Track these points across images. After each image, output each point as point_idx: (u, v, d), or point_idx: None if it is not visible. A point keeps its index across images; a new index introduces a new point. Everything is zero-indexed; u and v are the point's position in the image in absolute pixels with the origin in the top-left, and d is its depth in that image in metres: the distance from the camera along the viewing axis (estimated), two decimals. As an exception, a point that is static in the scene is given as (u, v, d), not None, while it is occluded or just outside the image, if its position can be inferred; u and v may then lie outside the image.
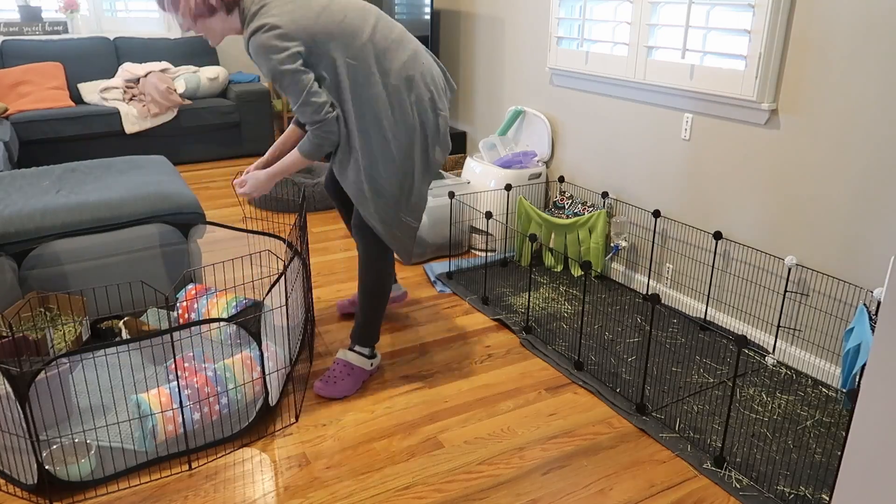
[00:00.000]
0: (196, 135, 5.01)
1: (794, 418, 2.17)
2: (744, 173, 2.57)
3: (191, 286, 2.62)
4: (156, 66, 5.01)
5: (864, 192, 2.20)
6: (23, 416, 1.70)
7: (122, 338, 2.43)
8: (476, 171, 3.45)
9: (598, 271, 3.20)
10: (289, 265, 2.07)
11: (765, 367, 2.46)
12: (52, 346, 2.30)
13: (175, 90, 4.88)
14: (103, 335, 2.47)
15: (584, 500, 1.83)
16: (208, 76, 5.07)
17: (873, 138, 2.14)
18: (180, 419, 1.95)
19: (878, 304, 2.13)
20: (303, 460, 1.97)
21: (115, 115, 4.66)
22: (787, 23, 2.33)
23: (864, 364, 1.25)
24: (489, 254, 3.42)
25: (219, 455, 1.98)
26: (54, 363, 1.96)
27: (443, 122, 2.15)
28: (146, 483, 1.86)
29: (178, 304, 2.56)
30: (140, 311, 2.55)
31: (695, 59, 2.64)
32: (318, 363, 2.46)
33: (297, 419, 2.14)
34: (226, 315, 2.49)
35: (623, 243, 3.09)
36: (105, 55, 5.05)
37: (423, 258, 3.36)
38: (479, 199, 3.39)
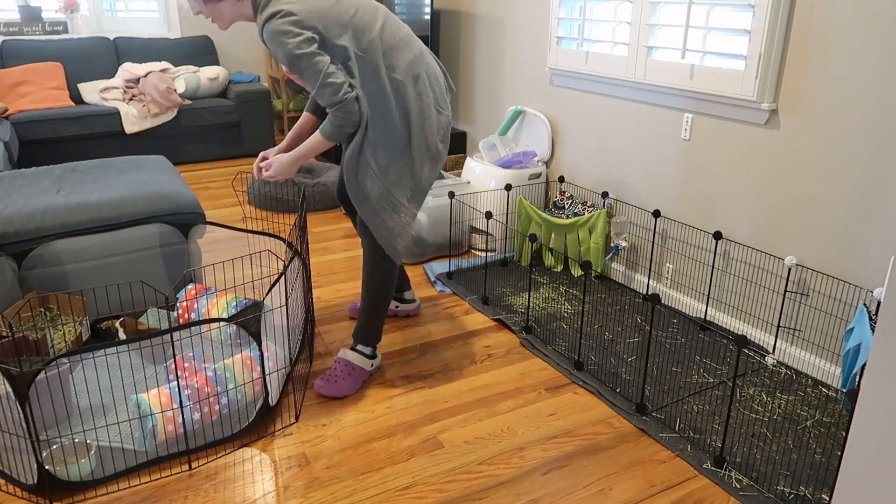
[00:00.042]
0: (196, 135, 5.01)
1: (794, 418, 2.17)
2: (744, 173, 2.57)
3: (191, 286, 2.62)
4: (156, 66, 5.01)
5: (863, 192, 2.20)
6: (23, 416, 1.70)
7: (118, 338, 2.43)
8: (476, 171, 3.45)
9: (598, 271, 3.20)
10: (289, 265, 2.07)
11: (765, 367, 2.46)
12: (52, 346, 2.30)
13: (175, 90, 4.88)
14: (103, 335, 2.47)
15: (584, 500, 1.83)
16: (208, 76, 5.07)
17: (873, 138, 2.14)
18: (180, 419, 1.95)
19: (878, 304, 2.13)
20: (303, 460, 1.97)
21: (115, 115, 4.66)
22: (787, 23, 2.33)
23: (864, 364, 1.25)
24: (489, 254, 3.42)
25: (219, 455, 1.98)
26: (54, 363, 1.96)
27: (444, 120, 2.21)
28: (146, 483, 1.86)
29: (178, 304, 2.57)
30: (140, 311, 2.55)
31: (695, 59, 2.65)
32: (318, 363, 2.46)
33: (297, 419, 2.14)
34: (226, 315, 2.49)
35: (623, 243, 3.09)
36: (105, 55, 5.05)
37: (423, 258, 3.36)
38: (479, 199, 3.39)
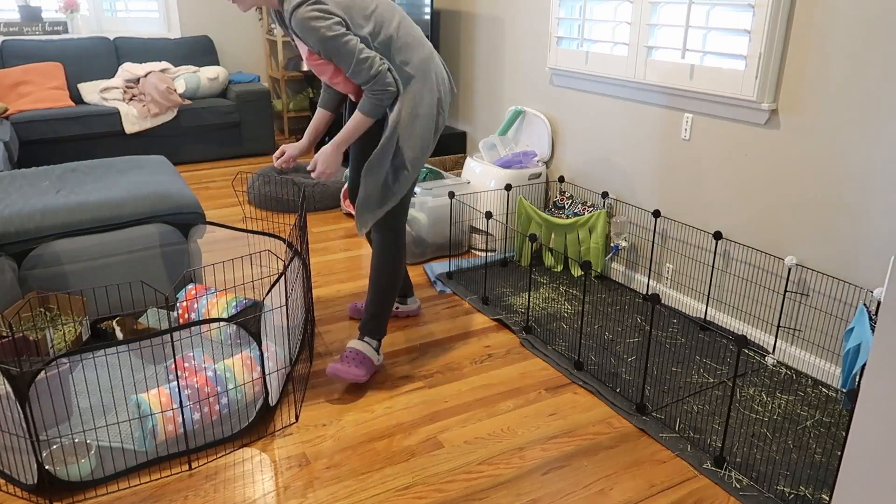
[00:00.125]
0: (196, 135, 5.01)
1: (794, 418, 2.17)
2: (744, 173, 2.57)
3: (191, 286, 2.62)
4: (156, 66, 5.01)
5: (863, 192, 2.20)
6: (23, 416, 1.70)
7: (116, 337, 2.43)
8: (476, 171, 3.45)
9: (598, 271, 3.20)
10: (289, 265, 2.07)
11: (765, 367, 2.46)
12: (52, 346, 2.30)
13: (175, 90, 4.88)
14: (103, 335, 2.47)
15: (584, 500, 1.83)
16: (208, 76, 5.07)
17: (873, 138, 2.14)
18: (180, 419, 1.95)
19: (878, 304, 2.13)
20: (303, 460, 1.97)
21: (115, 115, 4.66)
22: (787, 23, 2.33)
23: (864, 364, 1.25)
24: (489, 254, 3.42)
25: (219, 455, 1.98)
26: (54, 363, 1.96)
27: (441, 121, 2.26)
28: (146, 483, 1.86)
29: (178, 304, 2.57)
30: (140, 311, 2.55)
31: (695, 59, 2.64)
32: (318, 363, 2.46)
33: (297, 419, 2.14)
34: (226, 315, 2.49)
35: (623, 243, 3.09)
36: (105, 55, 5.05)
37: (423, 258, 3.36)
38: (479, 199, 3.39)
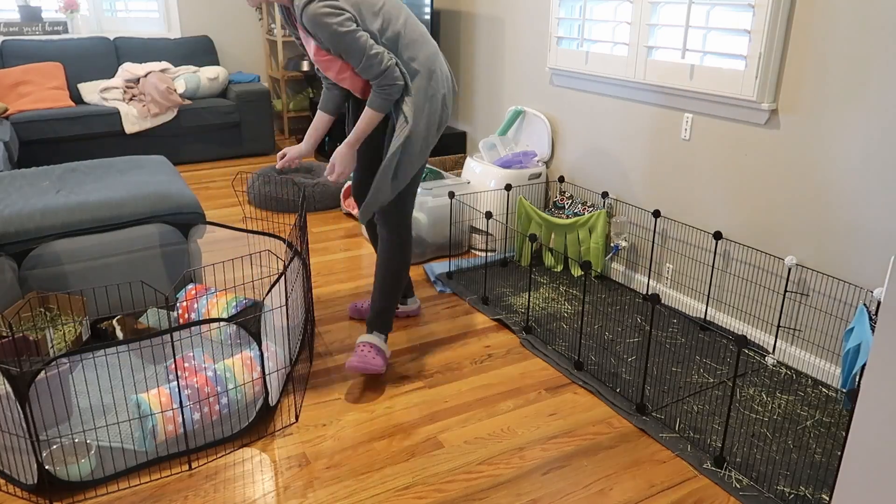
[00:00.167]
0: (196, 135, 5.01)
1: (794, 418, 2.17)
2: (744, 173, 2.57)
3: (191, 286, 2.62)
4: (156, 66, 5.01)
5: (863, 193, 2.20)
6: (23, 416, 1.70)
7: (116, 337, 2.43)
8: (476, 171, 3.45)
9: (598, 271, 3.20)
10: (289, 265, 2.07)
11: (765, 367, 2.46)
12: (52, 346, 2.30)
13: (175, 90, 4.88)
14: (103, 335, 2.47)
15: (584, 500, 1.83)
16: (208, 76, 5.07)
17: (873, 138, 2.14)
18: (180, 419, 1.95)
19: (878, 304, 2.13)
20: (303, 460, 1.97)
21: (115, 115, 4.66)
22: (787, 23, 2.33)
23: (864, 364, 1.25)
24: (489, 254, 3.42)
25: (219, 455, 1.98)
26: (54, 363, 1.96)
27: (445, 118, 2.29)
28: (146, 483, 1.86)
29: (178, 304, 2.57)
30: (140, 311, 2.55)
31: (695, 59, 2.64)
32: (318, 363, 2.46)
33: (297, 419, 2.14)
34: (226, 315, 2.49)
35: (623, 243, 3.09)
36: (105, 55, 5.05)
37: (423, 258, 3.36)
38: (479, 199, 3.39)
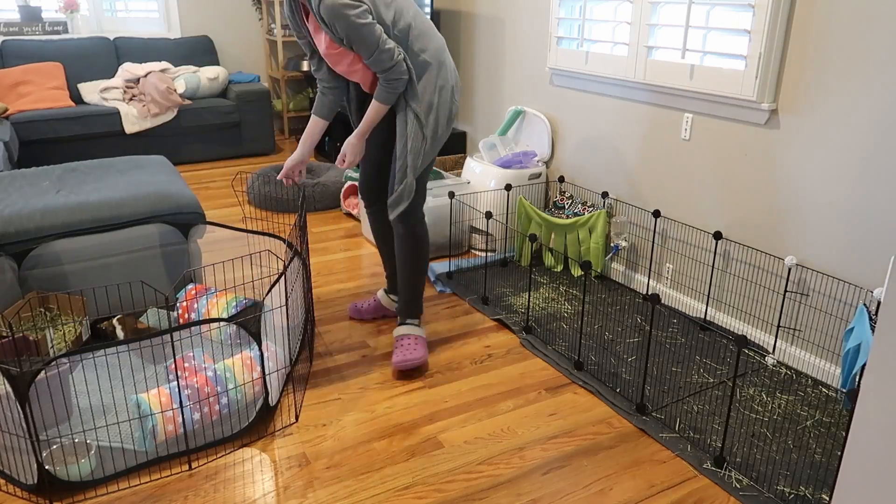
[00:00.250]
0: (196, 135, 5.01)
1: (794, 418, 2.17)
2: (744, 173, 2.57)
3: (191, 286, 2.62)
4: (156, 66, 5.01)
5: (863, 192, 2.20)
6: (23, 416, 1.70)
7: (117, 336, 2.43)
8: (476, 171, 3.45)
9: (598, 271, 3.19)
10: (289, 265, 2.07)
11: (765, 367, 2.46)
12: (52, 346, 2.30)
13: (175, 90, 4.88)
14: (103, 335, 2.47)
15: (584, 500, 1.83)
16: (208, 76, 5.07)
17: (873, 138, 2.14)
18: (180, 419, 1.95)
19: (878, 304, 2.13)
20: (303, 460, 1.97)
21: (115, 115, 4.66)
22: (787, 23, 2.33)
23: (864, 364, 1.25)
24: (489, 254, 3.42)
25: (219, 455, 1.98)
26: (54, 363, 1.96)
27: (454, 110, 2.34)
28: (146, 483, 1.86)
29: (178, 304, 2.57)
30: (140, 311, 2.55)
31: (695, 59, 2.64)
32: (318, 363, 2.46)
33: (297, 419, 2.14)
34: (226, 315, 2.49)
35: (623, 243, 3.09)
36: (105, 55, 5.05)
37: (423, 258, 3.36)
38: (479, 199, 3.39)
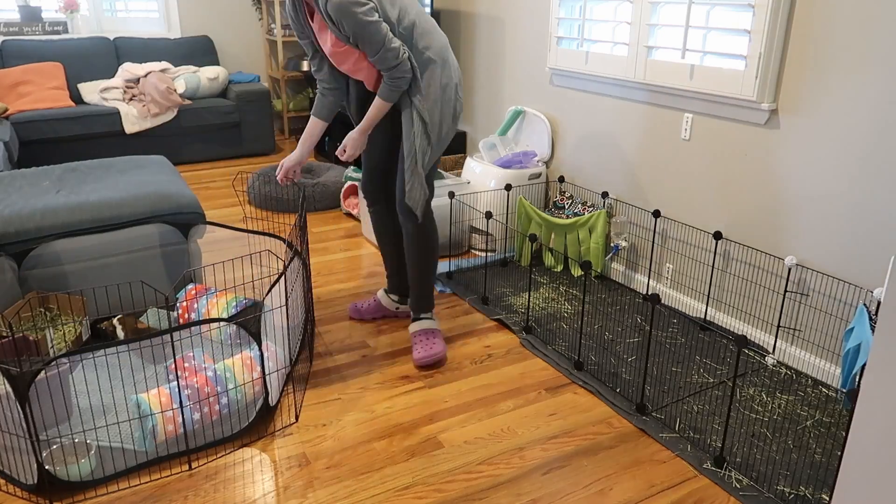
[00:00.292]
0: (196, 135, 5.01)
1: (794, 418, 2.17)
2: (744, 173, 2.57)
3: (191, 286, 2.62)
4: (156, 66, 5.01)
5: (863, 192, 2.20)
6: (23, 416, 1.70)
7: (117, 335, 2.43)
8: (476, 171, 3.45)
9: (598, 271, 3.20)
10: (289, 265, 2.07)
11: (765, 367, 2.46)
12: (52, 346, 2.30)
13: (175, 90, 4.88)
14: (103, 335, 2.47)
15: (584, 500, 1.83)
16: (208, 76, 5.07)
17: (873, 138, 2.14)
18: (180, 419, 1.95)
19: (878, 304, 2.13)
20: (303, 460, 1.97)
21: (115, 115, 4.66)
22: (787, 23, 2.33)
23: (864, 364, 1.25)
24: (489, 254, 3.42)
25: (219, 455, 1.98)
26: (54, 363, 1.96)
27: (459, 108, 2.36)
28: (146, 483, 1.86)
29: (178, 304, 2.57)
30: (140, 311, 2.55)
31: (695, 59, 2.64)
32: (318, 363, 2.46)
33: (297, 419, 2.14)
34: (226, 315, 2.49)
35: (623, 243, 3.09)
36: (105, 55, 5.05)
37: (423, 258, 3.36)
38: (479, 199, 3.39)
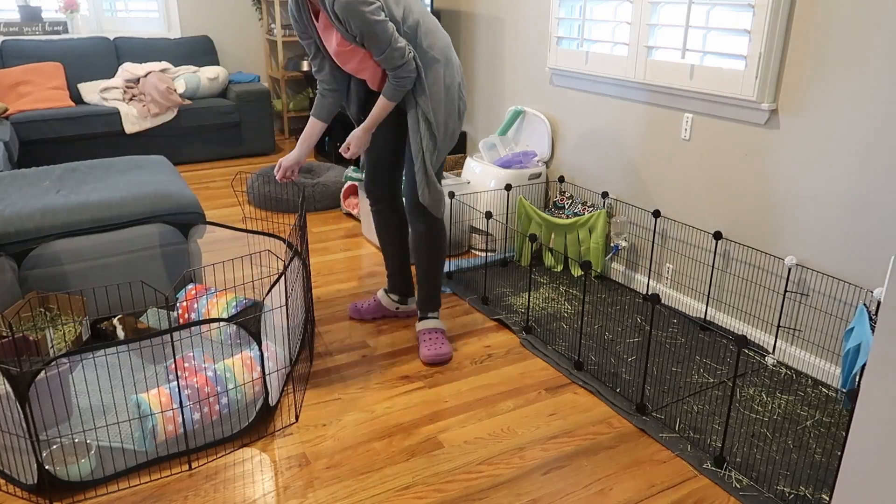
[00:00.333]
0: (196, 135, 5.01)
1: (794, 418, 2.17)
2: (744, 173, 2.57)
3: (191, 286, 2.62)
4: (156, 66, 5.01)
5: (863, 192, 2.20)
6: (23, 416, 1.70)
7: (116, 336, 2.43)
8: (476, 171, 3.45)
9: (598, 271, 3.19)
10: (289, 265, 2.07)
11: (765, 367, 2.46)
12: (52, 346, 2.30)
13: (175, 90, 4.88)
14: (103, 335, 2.47)
15: (584, 500, 1.83)
16: (208, 76, 5.07)
17: (873, 138, 2.14)
18: (180, 419, 1.95)
19: (878, 304, 2.13)
20: (303, 460, 1.97)
21: (115, 115, 4.66)
22: (787, 23, 2.33)
23: (864, 364, 1.25)
24: (489, 254, 3.42)
25: (219, 455, 1.98)
26: (54, 363, 1.96)
27: (462, 107, 2.36)
28: (146, 483, 1.86)
29: (178, 304, 2.57)
30: (140, 311, 2.55)
31: (695, 59, 2.64)
32: (318, 363, 2.46)
33: (297, 419, 2.14)
34: (226, 315, 2.49)
35: (623, 243, 3.09)
36: (105, 55, 5.05)
37: (423, 258, 3.37)
38: (479, 199, 3.39)
